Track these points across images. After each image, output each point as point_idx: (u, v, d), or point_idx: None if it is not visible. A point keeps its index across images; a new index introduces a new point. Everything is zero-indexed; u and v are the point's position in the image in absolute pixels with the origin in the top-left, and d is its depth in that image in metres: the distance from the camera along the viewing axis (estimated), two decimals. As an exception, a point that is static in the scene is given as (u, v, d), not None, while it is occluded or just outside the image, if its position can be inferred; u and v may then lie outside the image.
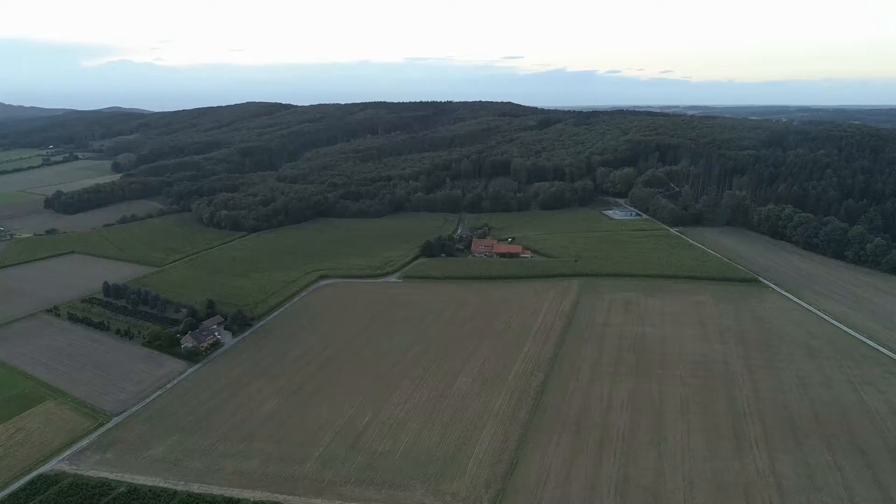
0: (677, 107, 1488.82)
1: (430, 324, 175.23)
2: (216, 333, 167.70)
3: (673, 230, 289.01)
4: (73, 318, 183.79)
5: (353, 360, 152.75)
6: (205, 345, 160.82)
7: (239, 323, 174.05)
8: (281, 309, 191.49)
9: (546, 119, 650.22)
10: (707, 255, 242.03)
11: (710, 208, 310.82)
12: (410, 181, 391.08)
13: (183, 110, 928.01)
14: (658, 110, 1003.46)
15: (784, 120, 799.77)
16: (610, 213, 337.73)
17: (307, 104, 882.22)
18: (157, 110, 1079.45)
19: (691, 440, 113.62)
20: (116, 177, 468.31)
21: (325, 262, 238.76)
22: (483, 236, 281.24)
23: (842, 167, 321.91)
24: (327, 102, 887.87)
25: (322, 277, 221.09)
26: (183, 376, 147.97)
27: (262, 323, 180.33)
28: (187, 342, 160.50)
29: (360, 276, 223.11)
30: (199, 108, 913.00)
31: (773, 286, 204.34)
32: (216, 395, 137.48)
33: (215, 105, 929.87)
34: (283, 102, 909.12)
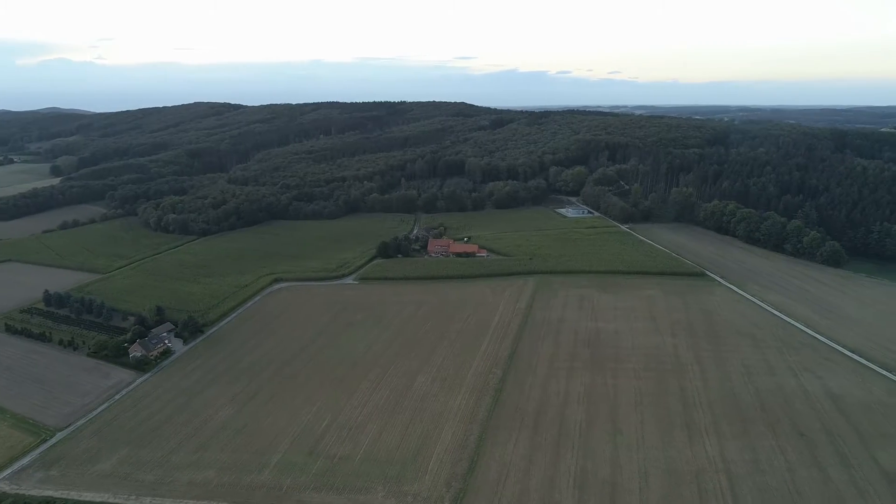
0: (625, 107, 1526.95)
1: (387, 325, 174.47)
2: (166, 341, 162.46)
3: (623, 227, 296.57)
4: (10, 330, 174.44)
5: (310, 364, 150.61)
6: (154, 353, 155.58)
7: (190, 329, 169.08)
8: (234, 314, 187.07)
9: (499, 119, 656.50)
10: (656, 251, 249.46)
11: (659, 205, 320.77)
12: (365, 182, 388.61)
13: (126, 111, 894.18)
14: (607, 110, 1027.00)
15: (726, 119, 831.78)
16: (563, 211, 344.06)
17: (258, 104, 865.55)
18: (98, 111, 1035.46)
19: (645, 431, 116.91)
20: (56, 180, 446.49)
21: (279, 265, 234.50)
22: (439, 236, 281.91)
23: (780, 164, 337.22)
24: (278, 103, 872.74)
25: (276, 281, 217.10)
26: (132, 387, 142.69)
27: (214, 329, 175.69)
28: (136, 351, 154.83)
29: (316, 279, 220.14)
30: (143, 109, 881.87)
31: (718, 279, 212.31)
32: (168, 404, 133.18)
33: (161, 105, 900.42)
34: (233, 103, 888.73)
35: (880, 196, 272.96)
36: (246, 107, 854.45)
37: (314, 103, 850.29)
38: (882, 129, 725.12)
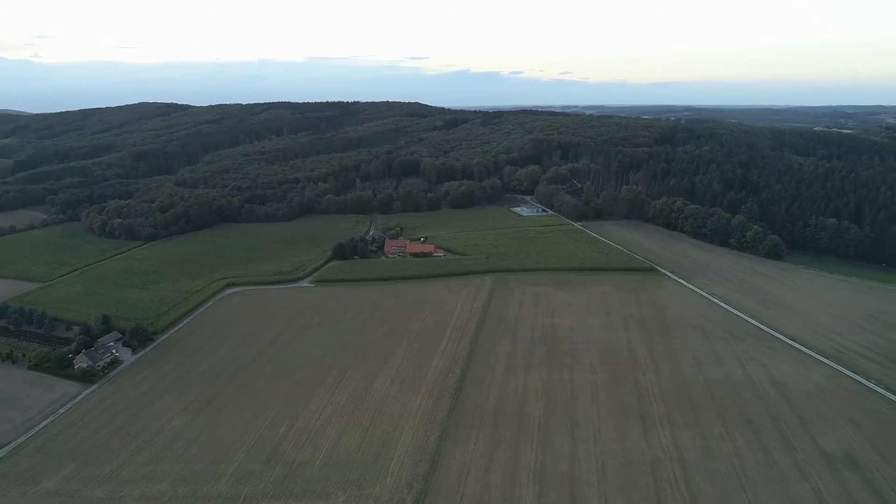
0: (577, 106, 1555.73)
1: (345, 327, 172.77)
2: (114, 351, 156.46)
3: (577, 224, 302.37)
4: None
5: (266, 370, 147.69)
6: (101, 364, 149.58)
7: (139, 338, 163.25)
8: (185, 321, 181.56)
9: (453, 119, 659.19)
10: (609, 248, 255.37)
11: (610, 203, 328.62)
12: (319, 183, 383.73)
13: (67, 112, 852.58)
14: (559, 110, 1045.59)
15: (672, 119, 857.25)
16: (518, 210, 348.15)
17: (206, 104, 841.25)
18: (35, 112, 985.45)
19: (602, 424, 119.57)
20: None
21: (231, 270, 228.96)
22: (396, 237, 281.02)
23: (724, 162, 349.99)
24: (227, 103, 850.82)
25: (229, 285, 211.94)
26: (78, 399, 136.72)
27: (165, 336, 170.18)
28: (81, 362, 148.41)
29: (270, 283, 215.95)
30: (85, 110, 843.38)
31: (668, 274, 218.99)
32: (116, 416, 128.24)
33: (104, 106, 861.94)
34: (180, 103, 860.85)
35: (815, 192, 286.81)
36: (194, 107, 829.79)
37: (265, 103, 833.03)
38: (816, 128, 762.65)
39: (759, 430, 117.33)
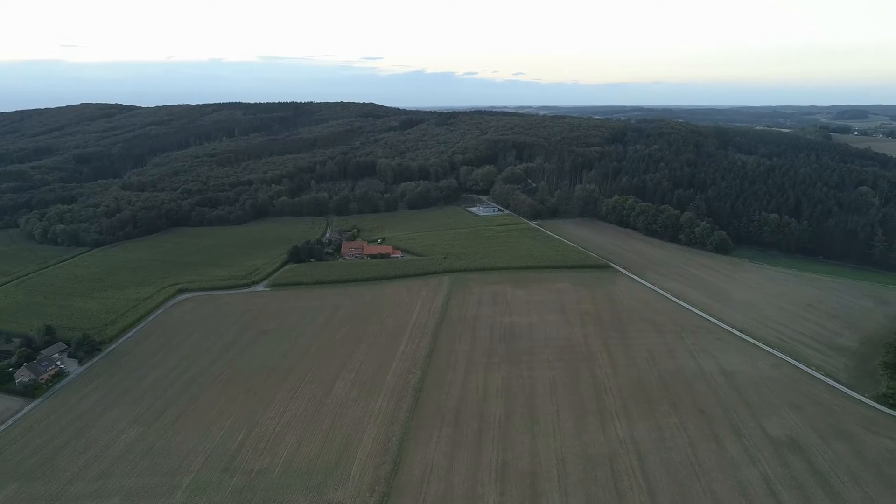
0: (530, 107, 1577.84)
1: (302, 332, 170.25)
2: (59, 363, 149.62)
3: (532, 223, 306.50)
4: None
5: (221, 377, 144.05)
6: (45, 377, 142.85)
7: (86, 349, 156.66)
8: (135, 329, 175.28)
9: (409, 120, 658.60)
10: (564, 246, 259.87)
11: (565, 202, 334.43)
12: (273, 185, 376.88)
13: (1, 112, 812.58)
14: (513, 110, 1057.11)
15: (623, 119, 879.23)
16: (474, 209, 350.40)
17: (153, 105, 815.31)
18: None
19: (561, 419, 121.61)
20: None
21: (183, 275, 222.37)
22: (353, 238, 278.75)
23: (672, 160, 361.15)
24: (176, 103, 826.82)
25: (181, 291, 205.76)
26: (20, 415, 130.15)
27: (114, 346, 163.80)
28: (23, 376, 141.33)
29: (224, 288, 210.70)
30: (22, 111, 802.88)
31: (622, 270, 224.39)
32: (63, 431, 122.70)
33: (43, 107, 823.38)
34: (126, 104, 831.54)
35: (758, 188, 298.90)
36: (140, 108, 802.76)
37: (216, 104, 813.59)
38: (757, 128, 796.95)
39: (710, 419, 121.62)
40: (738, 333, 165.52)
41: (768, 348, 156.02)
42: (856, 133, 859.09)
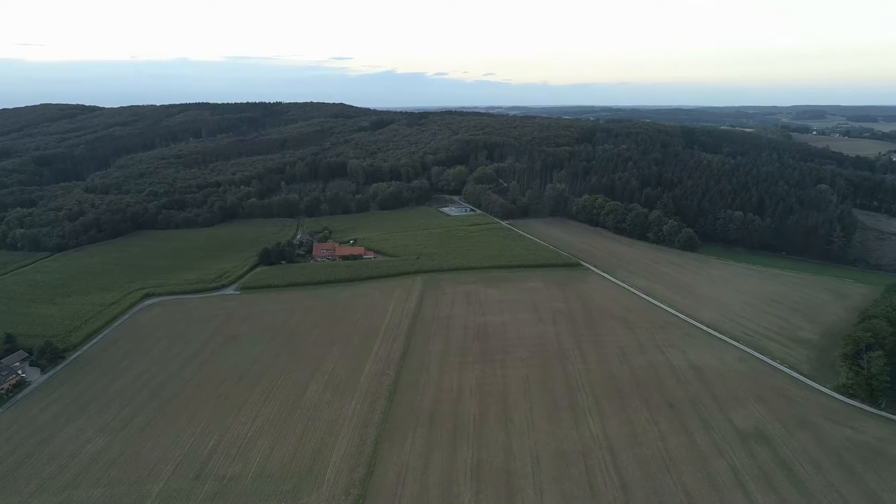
0: (501, 107, 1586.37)
1: (273, 335, 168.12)
2: (19, 371, 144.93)
3: (504, 223, 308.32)
4: None
5: (190, 383, 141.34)
6: (5, 386, 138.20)
7: (48, 356, 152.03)
8: (101, 335, 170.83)
9: (380, 120, 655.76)
10: (536, 245, 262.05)
11: (536, 201, 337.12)
12: (242, 186, 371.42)
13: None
14: (483, 110, 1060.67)
15: (592, 119, 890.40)
16: (446, 209, 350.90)
17: (117, 106, 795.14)
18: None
19: (535, 417, 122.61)
20: None
21: (150, 279, 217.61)
22: (324, 240, 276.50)
23: (640, 160, 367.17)
24: (141, 104, 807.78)
25: (148, 296, 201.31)
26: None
27: (78, 354, 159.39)
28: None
29: (193, 292, 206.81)
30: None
31: (592, 268, 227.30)
32: (24, 442, 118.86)
33: (1, 108, 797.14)
34: (88, 104, 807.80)
35: (723, 186, 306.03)
36: (104, 108, 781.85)
37: (182, 104, 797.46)
38: (722, 127, 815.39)
39: (680, 413, 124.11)
40: (705, 329, 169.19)
41: (735, 342, 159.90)
42: (814, 133, 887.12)
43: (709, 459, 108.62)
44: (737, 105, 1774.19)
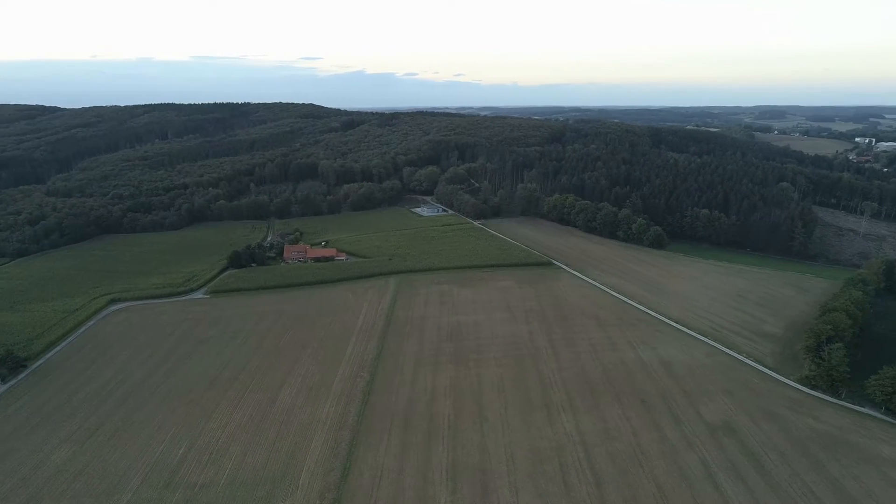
0: (471, 108, 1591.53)
1: (244, 339, 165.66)
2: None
3: (476, 223, 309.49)
4: None
5: (159, 390, 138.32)
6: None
7: (9, 365, 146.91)
8: (64, 343, 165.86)
9: (350, 121, 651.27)
10: (508, 244, 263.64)
11: (507, 201, 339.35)
12: (210, 188, 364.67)
13: None
14: (454, 111, 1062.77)
15: (561, 119, 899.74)
16: (418, 210, 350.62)
17: (78, 106, 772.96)
18: None
19: (509, 416, 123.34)
20: None
21: (115, 284, 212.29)
22: (295, 242, 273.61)
23: (609, 159, 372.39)
24: (104, 105, 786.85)
25: (113, 302, 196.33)
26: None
27: (41, 362, 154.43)
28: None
29: (160, 296, 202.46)
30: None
31: (564, 267, 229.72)
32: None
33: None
34: (48, 105, 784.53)
35: (690, 185, 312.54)
36: (64, 109, 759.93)
37: (146, 105, 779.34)
38: (687, 127, 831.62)
39: (651, 409, 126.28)
40: (674, 325, 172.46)
41: (703, 338, 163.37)
42: (776, 132, 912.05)
43: (680, 453, 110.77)
44: (702, 105, 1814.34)
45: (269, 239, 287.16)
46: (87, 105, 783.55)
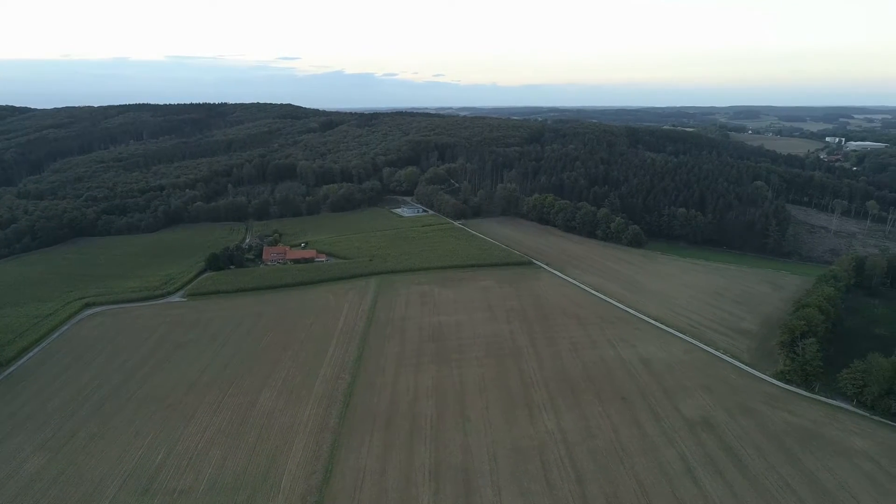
0: (451, 108, 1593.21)
1: (223, 342, 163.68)
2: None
3: (457, 223, 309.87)
4: None
5: (136, 395, 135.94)
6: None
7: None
8: (37, 349, 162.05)
9: (329, 121, 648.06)
10: (488, 244, 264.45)
11: (487, 201, 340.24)
12: (187, 190, 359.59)
13: None
14: (434, 111, 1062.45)
15: (540, 119, 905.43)
16: (398, 211, 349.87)
17: (50, 107, 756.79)
18: None
19: (491, 415, 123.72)
20: None
21: (90, 288, 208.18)
22: (274, 243, 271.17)
23: (587, 159, 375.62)
24: (77, 105, 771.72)
25: (88, 306, 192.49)
26: None
27: (12, 368, 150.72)
28: None
29: (136, 300, 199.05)
30: None
31: (544, 266, 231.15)
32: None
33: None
34: (18, 105, 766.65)
35: (667, 184, 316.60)
36: (36, 110, 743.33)
37: (121, 105, 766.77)
38: (664, 127, 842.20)
39: (631, 406, 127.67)
40: (653, 322, 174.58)
41: (681, 335, 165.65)
42: (750, 132, 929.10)
43: (660, 449, 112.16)
44: (678, 105, 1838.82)
45: (247, 241, 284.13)
46: (59, 105, 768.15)
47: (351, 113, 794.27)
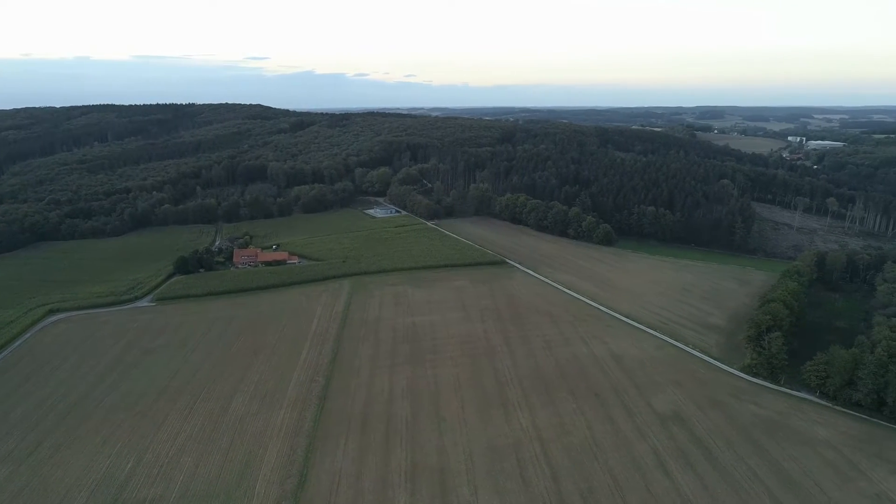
0: (422, 108, 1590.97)
1: (193, 347, 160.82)
2: None
3: (430, 223, 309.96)
4: None
5: (104, 403, 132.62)
6: None
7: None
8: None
9: (300, 122, 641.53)
10: (461, 244, 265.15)
11: (460, 201, 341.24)
12: (154, 192, 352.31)
13: None
14: (406, 112, 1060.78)
15: (511, 120, 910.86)
16: (371, 211, 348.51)
17: (9, 108, 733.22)
18: None
19: (466, 415, 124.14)
20: None
21: (53, 294, 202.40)
22: (245, 245, 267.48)
23: (559, 159, 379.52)
24: (37, 106, 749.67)
25: (52, 312, 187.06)
26: None
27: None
28: None
29: (103, 305, 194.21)
30: None
31: (517, 265, 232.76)
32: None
33: None
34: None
35: (636, 183, 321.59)
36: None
37: (85, 106, 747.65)
38: (633, 127, 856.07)
39: (604, 402, 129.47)
40: (624, 319, 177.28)
41: (652, 331, 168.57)
42: (715, 132, 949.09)
43: (633, 444, 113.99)
44: (646, 105, 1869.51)
45: (217, 243, 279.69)
46: (18, 106, 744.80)
47: (322, 113, 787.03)
